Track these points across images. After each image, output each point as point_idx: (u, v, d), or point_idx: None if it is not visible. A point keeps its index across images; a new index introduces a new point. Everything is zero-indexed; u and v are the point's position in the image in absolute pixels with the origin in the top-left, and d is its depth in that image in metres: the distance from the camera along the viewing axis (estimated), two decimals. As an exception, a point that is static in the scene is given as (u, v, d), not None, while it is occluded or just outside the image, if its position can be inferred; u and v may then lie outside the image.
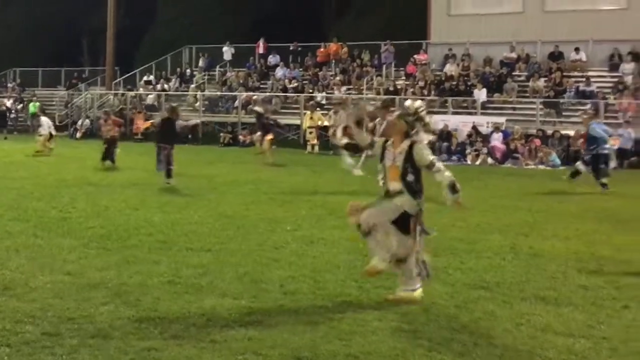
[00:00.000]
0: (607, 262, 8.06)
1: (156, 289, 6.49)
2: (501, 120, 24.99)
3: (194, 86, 33.48)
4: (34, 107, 33.43)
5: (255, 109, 23.20)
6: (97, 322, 5.49)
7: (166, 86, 34.28)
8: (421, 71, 29.31)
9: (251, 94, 31.05)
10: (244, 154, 22.68)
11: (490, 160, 23.17)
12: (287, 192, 13.92)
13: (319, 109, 27.64)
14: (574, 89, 25.99)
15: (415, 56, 30.44)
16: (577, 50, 27.71)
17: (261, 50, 34.51)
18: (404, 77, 30.13)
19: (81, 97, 35.67)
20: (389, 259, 6.11)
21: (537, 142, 23.17)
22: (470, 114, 26.35)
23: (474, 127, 24.68)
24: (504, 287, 6.81)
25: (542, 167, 22.02)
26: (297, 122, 28.36)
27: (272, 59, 34.01)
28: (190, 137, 27.09)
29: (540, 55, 28.62)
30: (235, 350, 4.99)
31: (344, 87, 30.15)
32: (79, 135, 31.11)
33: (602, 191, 14.89)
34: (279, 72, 32.67)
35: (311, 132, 26.17)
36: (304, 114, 27.71)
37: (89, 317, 5.60)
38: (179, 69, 35.53)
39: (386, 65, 30.86)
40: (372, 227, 6.11)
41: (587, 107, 20.13)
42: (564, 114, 25.26)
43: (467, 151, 23.80)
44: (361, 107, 6.70)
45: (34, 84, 39.03)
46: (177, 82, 34.69)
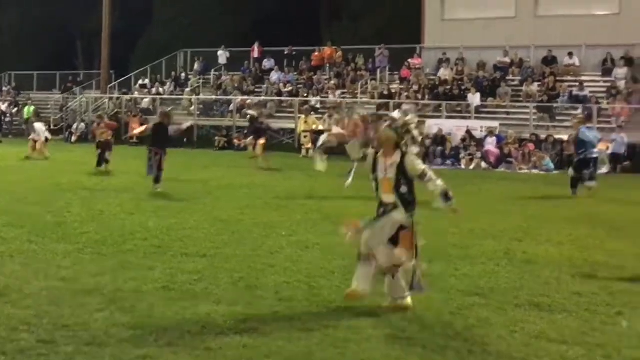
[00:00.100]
0: (600, 267, 8.10)
1: (151, 295, 6.48)
2: (495, 124, 25.07)
3: (189, 90, 33.51)
4: (28, 110, 33.40)
5: (249, 113, 23.24)
6: (93, 329, 5.48)
7: (161, 90, 34.28)
8: (415, 75, 29.39)
9: (246, 97, 31.10)
10: (239, 158, 22.68)
11: (484, 164, 23.26)
12: (282, 196, 13.94)
13: (313, 113, 27.74)
14: (567, 94, 26.11)
15: (409, 60, 30.52)
16: (570, 55, 27.85)
17: (256, 54, 34.56)
18: (399, 81, 30.21)
19: (76, 101, 35.65)
20: (369, 290, 6.14)
21: (530, 146, 23.26)
22: (464, 118, 26.45)
23: (468, 131, 24.75)
24: (498, 293, 6.83)
25: (535, 171, 22.10)
26: (292, 126, 28.40)
27: (267, 63, 34.06)
28: (185, 140, 27.11)
29: (533, 59, 28.75)
30: (230, 357, 5.00)
31: (338, 91, 30.21)
32: (74, 139, 31.13)
33: (571, 194, 15.05)
34: (274, 76, 32.71)
35: (306, 136, 26.20)
36: (299, 117, 27.77)
37: (84, 324, 5.59)
38: (174, 73, 35.55)
39: (380, 69, 30.95)
40: (372, 256, 6.15)
41: (578, 111, 20.24)
42: (558, 118, 25.39)
43: (461, 156, 23.88)
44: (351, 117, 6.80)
45: (29, 88, 38.97)
46: (172, 86, 34.70)
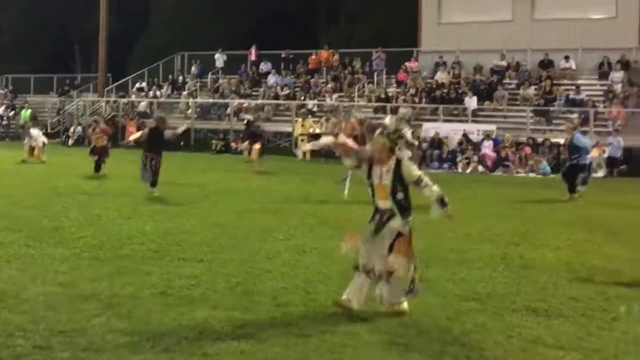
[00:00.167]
0: (597, 272, 8.10)
1: (148, 300, 6.47)
2: (492, 128, 25.11)
3: (186, 93, 33.49)
4: (25, 114, 33.37)
5: (245, 117, 23.25)
6: (89, 335, 5.47)
7: (158, 93, 34.27)
8: (412, 79, 29.42)
9: (243, 101, 31.11)
10: (236, 162, 22.66)
11: (481, 168, 23.28)
12: (279, 200, 13.94)
13: (310, 116, 27.74)
14: (564, 97, 26.15)
15: (406, 64, 30.56)
16: (566, 58, 27.91)
17: (253, 57, 34.58)
18: (396, 85, 30.24)
19: (73, 104, 35.60)
20: (362, 305, 6.15)
21: (527, 150, 23.29)
22: (461, 121, 26.48)
23: (465, 134, 24.78)
24: (495, 298, 6.83)
25: (532, 175, 22.14)
26: (289, 129, 28.41)
27: (264, 66, 34.09)
28: (182, 143, 27.11)
29: (530, 63, 28.82)
30: (227, 363, 5.00)
31: (335, 95, 30.23)
32: (70, 142, 31.10)
33: (569, 198, 15.13)
34: (271, 80, 32.73)
35: (303, 140, 26.19)
36: (296, 121, 27.77)
37: (81, 330, 5.58)
38: (171, 76, 35.54)
39: (377, 72, 30.98)
40: (371, 271, 6.16)
41: (574, 115, 20.27)
42: (554, 122, 25.41)
43: (458, 159, 23.90)
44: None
45: (26, 91, 38.93)
46: (169, 89, 34.69)
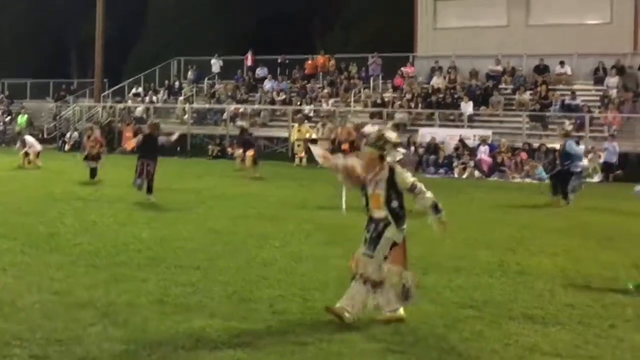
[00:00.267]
0: (593, 279, 8.12)
1: (145, 308, 6.46)
2: (488, 133, 25.13)
3: (182, 98, 33.47)
4: (22, 120, 33.28)
5: (239, 124, 23.25)
6: (86, 344, 5.45)
7: (154, 98, 34.25)
8: (408, 84, 29.47)
9: (239, 106, 31.11)
10: (232, 167, 22.64)
11: (477, 173, 23.30)
12: (276, 206, 13.95)
13: (306, 121, 27.74)
14: (559, 103, 26.20)
15: (402, 69, 30.61)
16: (562, 63, 27.97)
17: (249, 62, 34.57)
18: (392, 90, 30.26)
19: (69, 110, 35.54)
20: (358, 314, 6.14)
21: (523, 155, 23.32)
22: (457, 126, 26.50)
23: (461, 140, 24.79)
24: (492, 306, 6.84)
25: (528, 180, 22.14)
26: (285, 134, 28.40)
27: (260, 72, 34.08)
28: (178, 149, 27.09)
29: (525, 68, 28.86)
30: (224, 372, 5.00)
31: (331, 100, 30.23)
32: (67, 147, 31.05)
33: (563, 204, 15.29)
34: (267, 85, 32.73)
35: (299, 145, 26.20)
36: (292, 126, 27.78)
37: (77, 339, 5.56)
38: (167, 81, 35.53)
39: (373, 77, 31.00)
40: (367, 280, 6.16)
41: (567, 122, 20.37)
42: (550, 127, 25.43)
43: (454, 164, 23.92)
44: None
45: (22, 96, 38.84)
46: (165, 94, 34.67)
